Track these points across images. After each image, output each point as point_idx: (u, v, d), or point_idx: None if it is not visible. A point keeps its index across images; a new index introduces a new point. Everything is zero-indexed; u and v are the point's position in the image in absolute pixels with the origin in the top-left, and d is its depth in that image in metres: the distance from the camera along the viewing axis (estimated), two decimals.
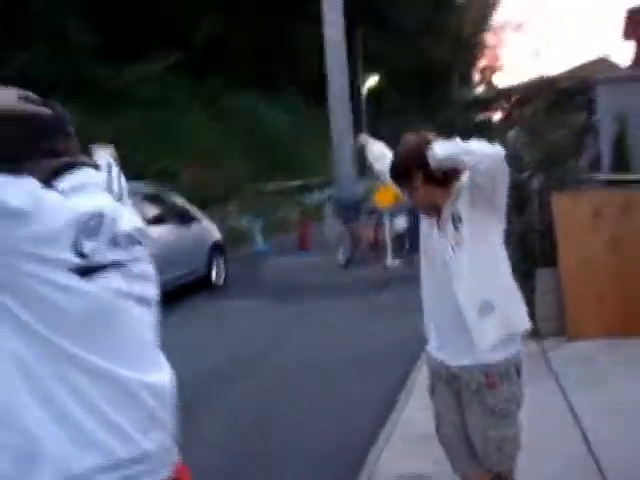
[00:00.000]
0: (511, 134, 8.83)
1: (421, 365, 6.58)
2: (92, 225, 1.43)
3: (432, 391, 3.14)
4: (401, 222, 13.75)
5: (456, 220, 2.89)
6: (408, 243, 13.43)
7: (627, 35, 28.01)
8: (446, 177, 2.89)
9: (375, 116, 32.21)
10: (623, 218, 6.71)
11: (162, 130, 21.43)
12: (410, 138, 3.02)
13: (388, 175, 3.47)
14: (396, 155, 3.06)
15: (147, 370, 1.52)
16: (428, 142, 2.86)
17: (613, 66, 27.89)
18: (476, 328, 2.85)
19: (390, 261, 13.57)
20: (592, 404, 4.95)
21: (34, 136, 1.50)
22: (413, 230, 13.92)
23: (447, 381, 3.01)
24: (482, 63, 55.19)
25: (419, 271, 3.14)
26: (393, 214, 13.86)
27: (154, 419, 1.51)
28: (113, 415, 1.43)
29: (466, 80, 51.32)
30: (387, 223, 13.80)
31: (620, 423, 4.58)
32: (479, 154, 2.70)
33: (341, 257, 14.37)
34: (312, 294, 11.55)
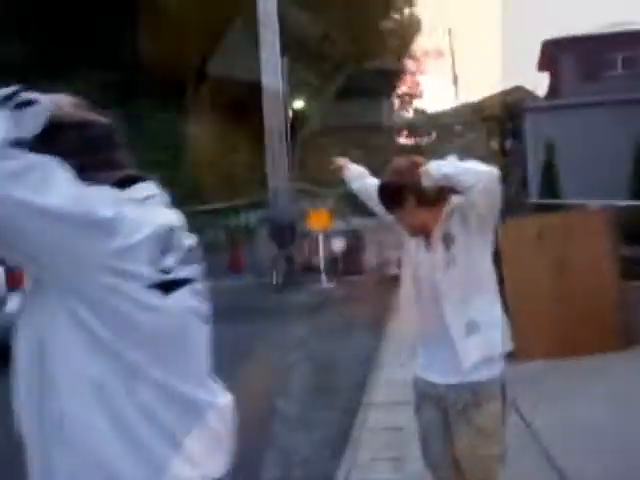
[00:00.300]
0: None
1: (373, 383, 6.63)
2: (168, 240, 1.38)
3: (417, 410, 3.14)
4: (338, 244, 13.87)
5: (448, 240, 2.92)
6: (342, 265, 13.53)
7: (542, 66, 29.16)
8: (436, 198, 2.93)
9: (302, 138, 32.36)
10: (565, 241, 6.95)
11: None
12: (401, 160, 3.04)
13: (367, 194, 3.51)
14: (387, 177, 3.06)
15: (212, 391, 1.48)
16: (419, 164, 2.89)
17: (529, 94, 28.92)
18: (462, 346, 2.89)
19: (325, 283, 13.62)
20: (547, 422, 5.07)
21: (92, 145, 1.44)
22: (350, 252, 14.06)
23: (434, 400, 3.02)
24: (402, 89, 56.24)
25: (354, 292, 3.17)
26: (329, 236, 13.96)
27: (219, 442, 1.46)
28: (183, 438, 1.38)
29: (388, 106, 52.11)
30: (321, 245, 13.88)
31: (577, 439, 4.71)
32: (476, 174, 2.74)
33: (275, 279, 14.34)
34: (250, 317, 11.47)
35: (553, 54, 27.00)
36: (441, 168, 2.78)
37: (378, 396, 6.40)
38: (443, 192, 2.90)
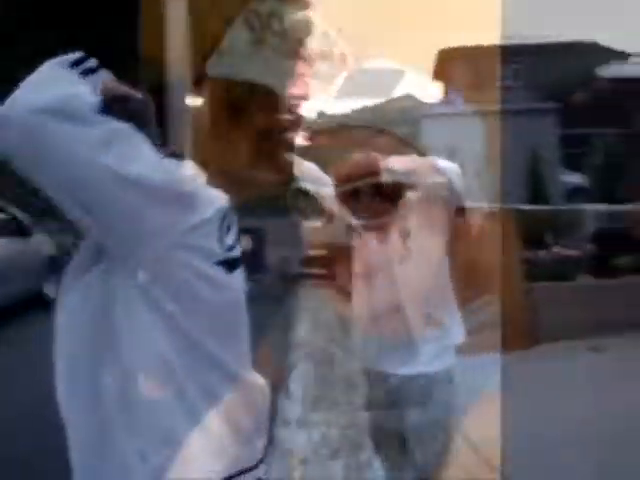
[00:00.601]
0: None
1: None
2: (228, 217, 1.35)
3: (367, 402, 3.17)
4: (242, 242, 13.78)
5: (404, 234, 2.96)
6: (245, 263, 13.43)
7: (436, 75, 30.04)
8: (395, 193, 2.97)
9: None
10: (470, 243, 7.18)
11: None
12: (359, 156, 3.05)
13: (320, 192, 3.51)
14: (345, 172, 3.07)
15: (255, 373, 1.46)
16: (378, 159, 2.91)
17: (418, 102, 29.68)
18: (418, 337, 2.94)
19: None
20: (479, 417, 5.17)
21: (133, 119, 1.38)
22: (253, 251, 13.97)
23: (386, 391, 3.05)
24: (292, 91, 56.52)
25: (257, 291, 3.16)
26: None
27: (263, 425, 1.45)
28: (239, 419, 1.36)
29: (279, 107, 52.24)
30: None
31: (511, 433, 4.85)
32: (438, 169, 2.79)
33: None
34: None
35: (447, 63, 27.92)
36: (403, 164, 2.80)
37: None
38: (402, 187, 2.94)
